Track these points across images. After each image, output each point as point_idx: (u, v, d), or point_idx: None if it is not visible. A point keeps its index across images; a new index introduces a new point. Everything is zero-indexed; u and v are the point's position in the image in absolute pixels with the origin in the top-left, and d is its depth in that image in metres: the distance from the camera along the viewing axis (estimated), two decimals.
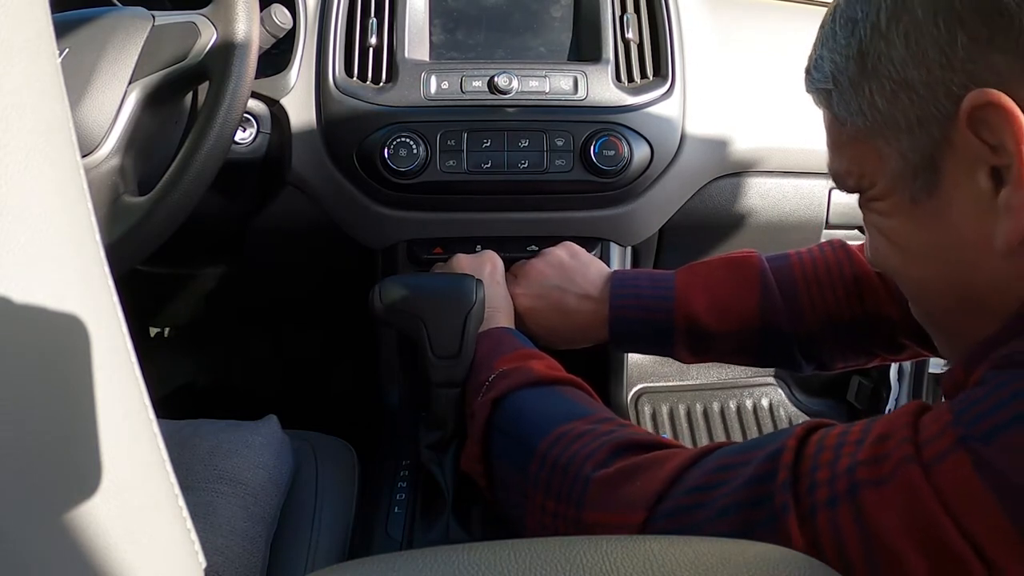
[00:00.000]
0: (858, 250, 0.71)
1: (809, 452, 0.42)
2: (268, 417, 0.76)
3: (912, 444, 0.37)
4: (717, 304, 0.70)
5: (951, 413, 0.37)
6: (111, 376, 0.26)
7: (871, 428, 0.41)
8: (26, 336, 0.23)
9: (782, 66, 0.91)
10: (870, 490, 0.38)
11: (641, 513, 0.46)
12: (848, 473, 0.39)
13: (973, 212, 0.40)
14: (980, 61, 0.37)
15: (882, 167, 0.44)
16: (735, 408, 1.26)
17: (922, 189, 0.42)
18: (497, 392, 0.61)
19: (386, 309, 0.69)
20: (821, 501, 0.40)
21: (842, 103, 0.44)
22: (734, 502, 0.43)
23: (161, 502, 0.29)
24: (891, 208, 0.45)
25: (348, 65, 0.83)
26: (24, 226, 0.23)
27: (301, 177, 0.83)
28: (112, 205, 0.67)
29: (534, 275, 0.77)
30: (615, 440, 0.52)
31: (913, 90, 0.40)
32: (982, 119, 0.37)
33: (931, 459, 0.36)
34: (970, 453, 0.35)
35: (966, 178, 0.40)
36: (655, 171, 0.83)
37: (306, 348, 1.33)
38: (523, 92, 0.81)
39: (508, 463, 0.59)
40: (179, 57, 0.70)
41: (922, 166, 0.41)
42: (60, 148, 0.25)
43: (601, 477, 0.50)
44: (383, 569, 0.34)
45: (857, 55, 0.42)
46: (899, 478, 0.37)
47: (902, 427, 0.39)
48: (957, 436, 0.36)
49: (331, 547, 0.68)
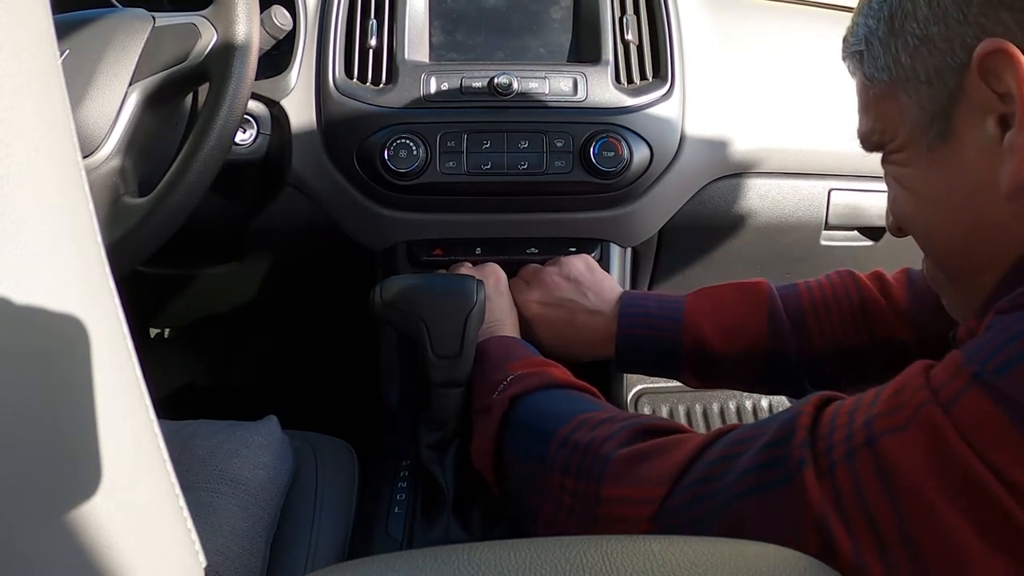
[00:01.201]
0: (866, 278, 0.72)
1: (826, 419, 0.43)
2: (268, 417, 0.76)
3: (927, 390, 0.39)
4: (725, 326, 0.71)
5: (962, 356, 0.39)
6: (112, 376, 0.26)
7: (883, 387, 0.43)
8: (27, 336, 0.23)
9: (782, 67, 0.91)
10: (890, 437, 0.39)
11: (663, 487, 0.47)
12: (865, 427, 0.40)
13: (982, 156, 0.44)
14: (991, 16, 0.42)
15: (903, 119, 0.48)
16: (735, 409, 1.27)
17: (938, 136, 0.46)
18: (516, 390, 0.62)
19: (387, 309, 0.70)
20: (839, 456, 0.41)
21: (872, 62, 0.49)
22: (752, 465, 0.44)
23: (161, 502, 0.29)
24: (909, 158, 0.49)
25: (348, 66, 0.83)
26: (25, 227, 0.23)
27: (301, 178, 0.83)
28: (113, 206, 0.67)
29: (549, 284, 0.78)
30: (636, 424, 0.54)
31: (933, 44, 0.44)
32: (991, 68, 0.41)
33: (949, 398, 0.38)
34: (986, 387, 0.37)
35: (977, 124, 0.43)
36: (655, 172, 0.83)
37: (306, 348, 1.33)
38: (523, 93, 0.81)
39: (523, 454, 0.59)
40: (179, 58, 0.70)
41: (938, 114, 0.45)
42: (61, 149, 0.25)
43: (622, 455, 0.51)
44: (383, 569, 0.34)
45: (888, 17, 0.47)
46: (919, 420, 0.38)
47: (915, 377, 0.41)
48: (971, 373, 0.38)
49: (331, 547, 0.69)
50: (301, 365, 1.33)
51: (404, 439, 0.79)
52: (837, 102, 0.91)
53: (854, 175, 0.93)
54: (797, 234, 0.96)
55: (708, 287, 0.75)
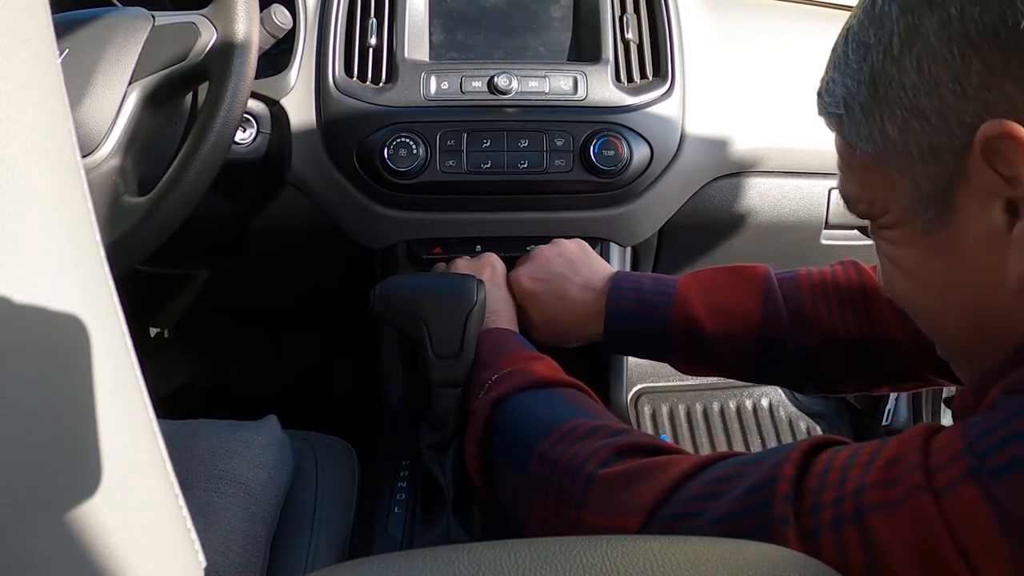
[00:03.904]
0: (871, 269, 0.69)
1: (816, 471, 0.41)
2: (268, 417, 0.76)
3: (923, 471, 0.36)
4: (718, 306, 0.70)
5: (963, 440, 0.36)
6: (111, 376, 0.26)
7: (881, 450, 0.40)
8: (26, 336, 0.23)
9: (782, 66, 0.91)
10: (878, 514, 0.37)
11: (639, 518, 0.46)
12: (855, 495, 0.38)
13: (987, 245, 0.39)
14: (994, 90, 0.36)
15: (894, 196, 0.43)
16: (735, 408, 1.27)
17: (934, 220, 0.41)
18: (498, 392, 0.61)
19: (387, 309, 0.69)
20: (826, 522, 0.39)
21: (853, 129, 0.43)
22: (729, 512, 0.42)
23: (161, 502, 0.29)
24: (903, 237, 0.44)
25: (348, 65, 0.83)
26: (24, 226, 0.23)
27: (301, 177, 0.83)
28: (112, 205, 0.67)
29: (541, 260, 0.77)
30: (618, 443, 0.52)
31: (925, 118, 0.39)
32: (997, 150, 0.36)
33: (942, 488, 0.35)
34: (980, 487, 0.34)
35: (980, 210, 0.39)
36: (655, 171, 0.83)
37: (306, 348, 1.33)
38: (523, 92, 0.81)
39: (508, 462, 0.59)
40: (179, 57, 0.70)
41: (935, 196, 0.40)
42: (60, 148, 0.25)
43: (604, 476, 0.50)
44: (383, 569, 0.34)
45: (869, 81, 0.41)
46: (910, 505, 0.36)
47: (912, 451, 0.38)
48: (968, 467, 0.35)
49: (331, 547, 0.69)
50: (301, 365, 1.33)
51: (404, 439, 0.79)
52: None
53: None
54: (797, 233, 0.96)
55: (704, 269, 0.74)
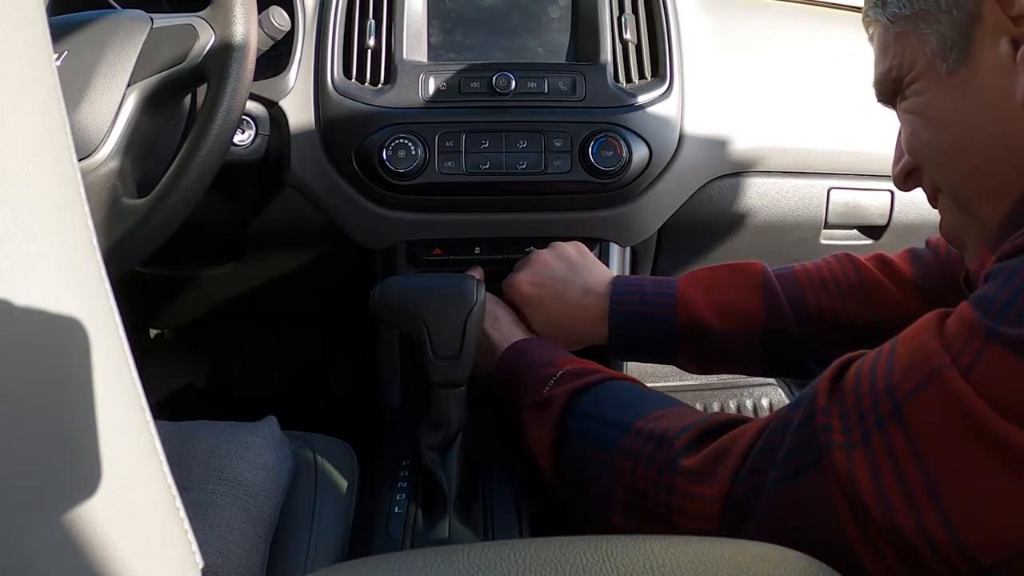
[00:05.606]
0: (866, 259, 0.72)
1: (848, 387, 0.45)
2: (267, 418, 0.75)
3: (943, 352, 0.40)
4: (719, 303, 0.71)
5: (974, 310, 0.40)
6: (108, 378, 0.26)
7: (895, 344, 0.45)
8: (22, 338, 0.23)
9: (781, 66, 0.91)
10: (913, 402, 0.41)
11: (726, 485, 0.49)
12: (889, 395, 0.42)
13: (998, 73, 0.47)
14: None
15: (922, 48, 0.51)
16: (735, 408, 1.26)
17: (957, 60, 0.49)
18: (575, 384, 0.62)
19: (387, 309, 0.69)
20: (872, 425, 0.42)
21: (895, 4, 0.53)
22: (785, 453, 0.46)
23: (158, 503, 0.29)
24: (928, 85, 0.52)
25: (347, 67, 0.83)
26: (20, 229, 0.23)
27: (300, 178, 0.83)
28: (111, 207, 0.67)
29: (540, 264, 0.77)
30: (706, 423, 0.54)
31: None
32: None
33: (968, 363, 0.39)
34: (1007, 344, 0.37)
35: (992, 45, 0.47)
36: (654, 171, 0.83)
37: (306, 348, 1.33)
38: (521, 93, 0.81)
39: (591, 445, 0.59)
40: (177, 59, 0.70)
41: (957, 40, 0.49)
42: (56, 152, 0.25)
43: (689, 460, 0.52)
44: (383, 569, 0.34)
45: None
46: (939, 388, 0.39)
47: (930, 340, 0.42)
48: (987, 330, 0.39)
49: (331, 547, 0.68)
50: (301, 365, 1.33)
51: (404, 439, 0.79)
52: (837, 101, 0.91)
53: (854, 174, 0.93)
54: (797, 233, 0.96)
55: (701, 268, 0.75)
